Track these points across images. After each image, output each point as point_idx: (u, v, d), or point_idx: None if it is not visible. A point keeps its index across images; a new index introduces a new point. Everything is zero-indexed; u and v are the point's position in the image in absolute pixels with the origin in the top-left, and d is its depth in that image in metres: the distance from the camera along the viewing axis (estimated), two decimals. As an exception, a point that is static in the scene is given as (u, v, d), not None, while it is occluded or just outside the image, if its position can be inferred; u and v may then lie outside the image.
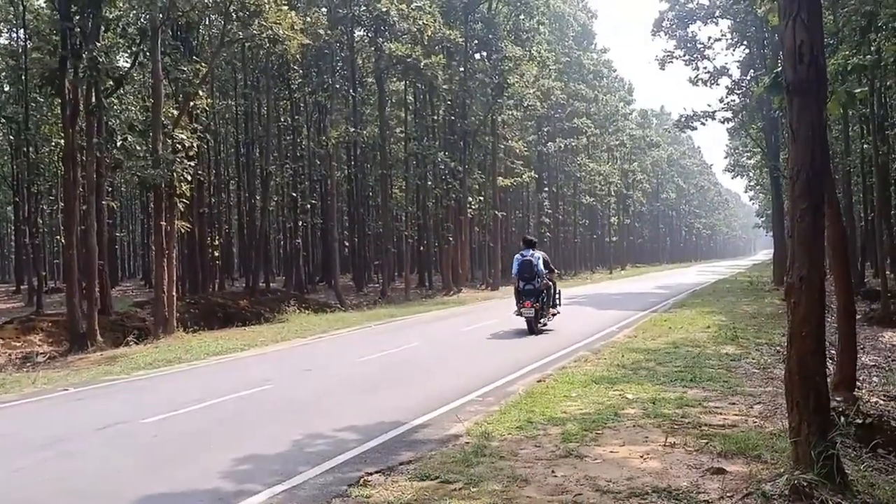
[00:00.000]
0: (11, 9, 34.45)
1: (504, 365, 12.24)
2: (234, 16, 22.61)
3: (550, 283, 17.46)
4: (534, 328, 16.61)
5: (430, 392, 10.16)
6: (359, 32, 40.34)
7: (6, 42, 36.26)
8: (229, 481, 6.34)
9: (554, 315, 18.00)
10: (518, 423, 7.84)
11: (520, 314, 16.85)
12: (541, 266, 16.80)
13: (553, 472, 6.14)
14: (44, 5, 29.71)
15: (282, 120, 41.54)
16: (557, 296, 18.28)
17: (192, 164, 22.50)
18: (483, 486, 5.80)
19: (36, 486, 6.45)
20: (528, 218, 62.76)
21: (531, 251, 17.05)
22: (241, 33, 24.00)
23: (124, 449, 7.70)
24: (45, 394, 11.44)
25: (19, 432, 8.76)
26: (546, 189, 61.10)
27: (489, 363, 12.73)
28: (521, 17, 41.38)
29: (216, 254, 39.05)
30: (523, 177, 48.91)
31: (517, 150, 48.84)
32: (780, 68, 6.40)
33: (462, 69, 39.33)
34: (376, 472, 6.41)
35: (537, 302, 16.57)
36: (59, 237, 35.71)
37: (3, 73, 35.45)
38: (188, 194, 22.50)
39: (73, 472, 6.88)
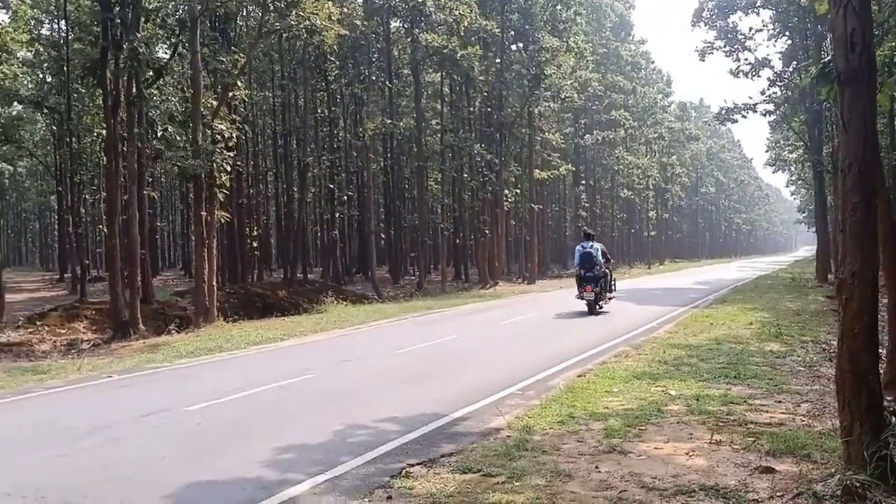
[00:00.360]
0: (53, 0, 35.04)
1: (542, 359, 12.14)
2: (272, 6, 22.69)
3: (608, 270, 19.79)
4: (593, 309, 19.07)
5: (469, 385, 10.13)
6: (395, 23, 40.38)
7: (48, 33, 36.88)
8: (272, 470, 6.37)
9: (611, 298, 20.32)
10: (559, 418, 7.77)
11: (581, 297, 19.21)
12: (599, 256, 19.08)
13: (597, 467, 6.06)
14: (85, -4, 30.12)
15: (318, 111, 41.76)
16: (613, 282, 20.74)
17: (232, 154, 22.68)
18: (526, 481, 5.75)
19: (81, 472, 6.52)
20: (565, 211, 62.37)
21: (591, 243, 19.45)
22: (278, 24, 24.10)
23: (168, 436, 7.79)
24: (89, 380, 11.66)
25: (65, 418, 8.92)
26: (583, 182, 60.64)
27: (528, 357, 12.65)
28: (558, 7, 40.96)
29: (255, 244, 39.43)
30: (560, 169, 48.58)
31: (554, 143, 48.54)
32: (827, 58, 6.21)
33: (498, 60, 39.11)
34: (418, 464, 6.40)
35: (596, 287, 18.99)
36: (101, 226, 36.29)
37: (46, 64, 36.06)
38: (227, 185, 22.70)
39: (118, 458, 6.96)
